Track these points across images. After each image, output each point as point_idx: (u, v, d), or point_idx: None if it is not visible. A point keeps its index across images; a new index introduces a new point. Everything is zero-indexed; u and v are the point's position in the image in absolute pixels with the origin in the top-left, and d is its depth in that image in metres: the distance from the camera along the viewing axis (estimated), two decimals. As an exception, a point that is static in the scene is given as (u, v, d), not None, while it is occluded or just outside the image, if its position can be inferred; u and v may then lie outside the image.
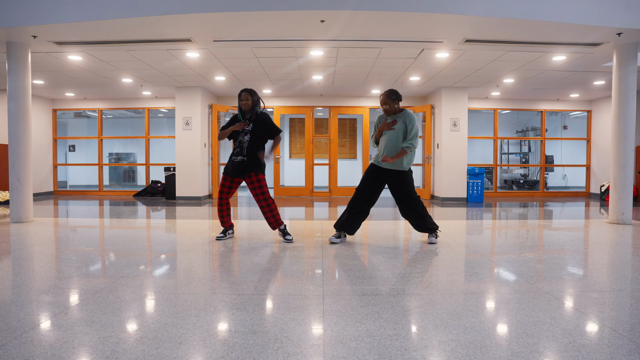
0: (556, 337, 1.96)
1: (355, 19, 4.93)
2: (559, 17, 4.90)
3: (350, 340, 1.91)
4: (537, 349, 1.82)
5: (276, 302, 2.47)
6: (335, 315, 2.22)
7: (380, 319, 2.17)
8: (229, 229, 4.44)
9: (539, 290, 2.69)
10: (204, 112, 9.50)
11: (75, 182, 13.24)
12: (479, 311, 2.32)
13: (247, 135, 4.09)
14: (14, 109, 5.74)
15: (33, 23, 5.10)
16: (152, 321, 2.14)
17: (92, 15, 4.98)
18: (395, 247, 4.14)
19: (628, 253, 3.97)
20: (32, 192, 5.97)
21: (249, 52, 6.36)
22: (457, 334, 1.98)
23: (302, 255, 3.72)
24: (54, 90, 9.59)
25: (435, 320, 2.16)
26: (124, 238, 4.72)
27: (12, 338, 1.90)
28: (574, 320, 2.18)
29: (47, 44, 5.82)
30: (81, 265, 3.33)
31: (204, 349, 1.82)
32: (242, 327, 2.06)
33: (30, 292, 2.63)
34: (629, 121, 5.74)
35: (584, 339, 1.95)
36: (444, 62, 6.92)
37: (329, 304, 2.40)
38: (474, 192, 9.40)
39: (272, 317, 2.23)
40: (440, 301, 2.48)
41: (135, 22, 5.08)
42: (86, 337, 1.93)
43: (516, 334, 1.99)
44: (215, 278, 3.05)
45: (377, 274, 3.10)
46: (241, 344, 1.87)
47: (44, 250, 4.00)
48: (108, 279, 2.92)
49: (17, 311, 2.27)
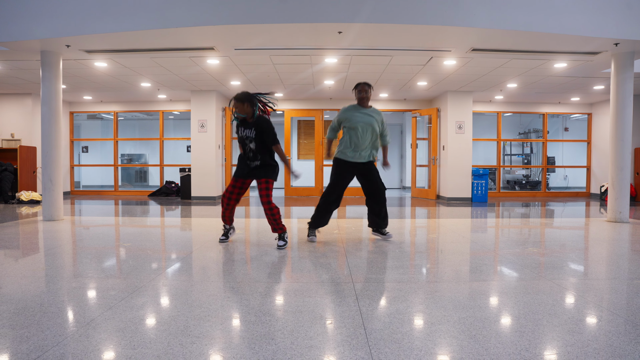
0: (557, 313, 2.31)
1: (368, 30, 5.28)
2: (560, 29, 5.25)
3: (384, 317, 2.27)
4: (541, 323, 2.17)
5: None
6: (367, 298, 2.57)
7: (407, 301, 2.52)
8: (231, 228, 4.43)
9: (542, 278, 3.04)
10: (218, 115, 9.86)
11: (88, 182, 13.62)
12: (489, 294, 2.68)
13: (252, 142, 4.00)
14: (47, 113, 6.11)
15: (67, 34, 5.45)
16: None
17: (123, 27, 5.33)
18: (400, 243, 4.49)
19: (624, 248, 4.32)
20: (62, 192, 6.33)
21: (267, 59, 6.72)
22: (473, 312, 2.33)
23: (323, 250, 4.07)
24: (73, 93, 9.96)
25: (454, 301, 2.52)
26: (155, 235, 5.07)
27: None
28: (574, 302, 2.53)
29: (78, 52, 6.18)
30: (119, 262, 3.69)
31: (252, 327, 2.17)
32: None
33: (74, 289, 2.98)
34: (626, 125, 6.09)
35: (582, 315, 2.30)
36: (451, 68, 7.27)
37: (359, 290, 2.75)
38: (479, 192, 9.75)
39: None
40: (455, 287, 2.83)
41: (163, 33, 5.42)
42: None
43: (523, 311, 2.34)
44: (254, 278, 3.40)
45: (395, 265, 3.46)
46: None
47: (81, 246, 4.36)
48: (144, 276, 3.27)
49: (74, 306, 2.61)
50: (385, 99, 10.66)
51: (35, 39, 5.49)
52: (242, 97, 3.93)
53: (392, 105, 10.85)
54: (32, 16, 5.45)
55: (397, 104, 10.84)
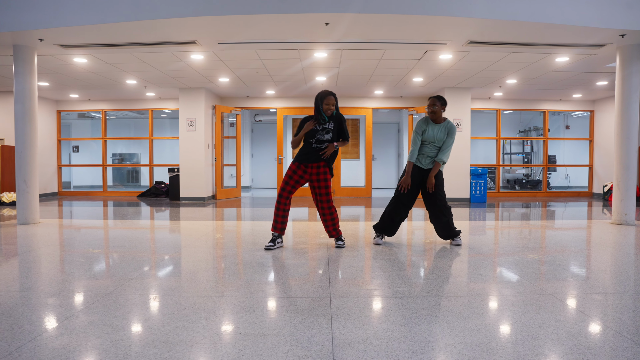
0: (561, 339, 1.99)
1: (359, 21, 4.96)
2: (562, 19, 4.92)
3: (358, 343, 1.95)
4: (542, 352, 1.85)
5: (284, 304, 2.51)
6: (343, 318, 2.25)
7: (387, 322, 2.20)
8: (279, 237, 4.03)
9: (543, 292, 2.72)
10: (207, 113, 9.54)
11: (79, 182, 13.31)
12: (484, 313, 2.35)
13: (329, 133, 4.00)
14: (20, 112, 5.79)
15: (39, 27, 5.14)
16: (161, 324, 2.18)
17: (97, 19, 5.02)
18: (390, 250, 4.17)
19: (631, 254, 3.99)
20: (38, 194, 6.02)
21: (253, 54, 6.40)
22: (463, 336, 2.01)
23: (308, 257, 3.75)
24: (59, 91, 9.65)
25: (441, 322, 2.20)
26: (130, 239, 4.76)
27: (26, 341, 1.94)
28: (578, 323, 2.21)
29: (53, 47, 5.86)
30: (89, 267, 3.38)
31: (214, 352, 1.86)
32: (251, 330, 2.10)
33: (40, 295, 2.68)
34: (631, 122, 5.76)
35: (589, 341, 1.97)
36: (447, 63, 6.94)
37: (336, 307, 2.43)
38: (477, 192, 9.42)
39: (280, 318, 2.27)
40: (445, 303, 2.51)
41: (141, 25, 5.11)
42: (98, 341, 1.96)
43: (522, 336, 2.02)
44: (221, 280, 3.09)
45: (379, 276, 3.13)
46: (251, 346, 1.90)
47: (51, 252, 4.05)
48: (116, 280, 2.96)
49: (29, 314, 2.31)
50: (381, 96, 10.33)
51: (5, 31, 5.17)
52: (334, 93, 4.13)
53: (388, 102, 10.52)
54: (1, 7, 5.14)
55: (394, 102, 10.51)
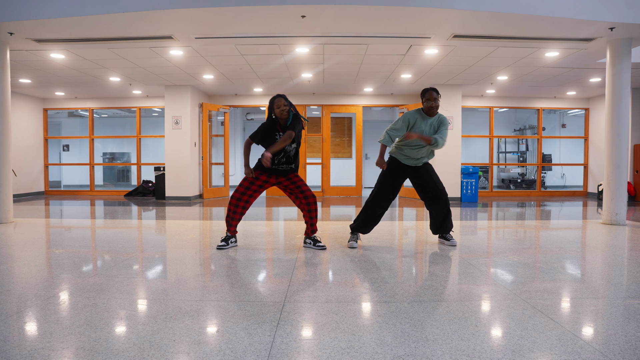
0: (553, 345, 1.81)
1: (337, 14, 4.78)
2: (548, 11, 4.74)
3: (298, 354, 1.77)
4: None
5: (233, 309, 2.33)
6: (290, 325, 2.08)
7: (338, 329, 2.02)
8: (233, 237, 3.99)
9: (529, 306, 2.53)
10: (194, 111, 9.37)
11: (70, 182, 13.15)
12: (445, 322, 2.17)
13: (293, 142, 3.76)
14: (-8, 108, 5.62)
15: (8, 19, 4.97)
16: (93, 330, 2.00)
17: (69, 12, 4.85)
18: (364, 252, 3.99)
19: (619, 256, 3.80)
20: (11, 193, 5.84)
21: (233, 49, 6.22)
22: (415, 348, 1.83)
23: (281, 259, 3.58)
24: (43, 89, 9.48)
25: (396, 331, 2.02)
26: (96, 239, 4.59)
27: None
28: (564, 331, 2.03)
29: (26, 42, 5.69)
30: (42, 269, 3.20)
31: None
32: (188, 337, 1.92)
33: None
34: (623, 119, 5.57)
35: (577, 348, 1.80)
36: (433, 58, 6.76)
37: (287, 312, 2.25)
38: (468, 191, 9.24)
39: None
40: (406, 310, 2.32)
41: (114, 19, 4.94)
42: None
43: (503, 352, 1.84)
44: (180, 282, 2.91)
45: (344, 280, 2.95)
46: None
47: (21, 253, 3.87)
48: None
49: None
50: (371, 94, 10.14)
51: (-29, 24, 5.01)
52: (284, 95, 3.75)
53: (379, 100, 10.34)
54: (-32, 0, 4.97)
55: (384, 99, 10.32)
